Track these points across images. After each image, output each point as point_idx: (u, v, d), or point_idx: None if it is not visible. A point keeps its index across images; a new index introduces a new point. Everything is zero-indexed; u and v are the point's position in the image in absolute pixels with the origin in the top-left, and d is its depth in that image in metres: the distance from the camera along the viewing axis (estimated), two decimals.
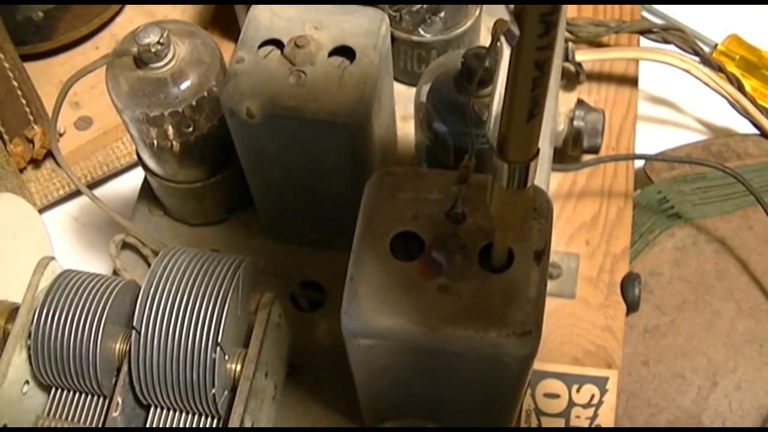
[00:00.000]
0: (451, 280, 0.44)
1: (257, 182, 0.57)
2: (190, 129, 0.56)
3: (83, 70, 0.54)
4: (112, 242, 0.60)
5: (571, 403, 0.63)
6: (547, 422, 0.63)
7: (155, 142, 0.56)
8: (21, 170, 0.73)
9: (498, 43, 0.46)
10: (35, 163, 0.74)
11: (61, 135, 0.74)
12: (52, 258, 0.55)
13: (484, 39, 0.65)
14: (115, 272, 0.61)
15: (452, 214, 0.45)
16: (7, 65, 0.70)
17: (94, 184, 0.74)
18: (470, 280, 0.44)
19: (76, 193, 0.75)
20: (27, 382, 0.54)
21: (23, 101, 0.72)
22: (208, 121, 0.56)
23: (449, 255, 0.44)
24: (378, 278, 0.44)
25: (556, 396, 0.63)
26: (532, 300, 0.43)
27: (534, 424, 0.63)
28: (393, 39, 0.58)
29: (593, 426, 0.63)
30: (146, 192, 0.64)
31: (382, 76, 0.53)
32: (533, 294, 0.44)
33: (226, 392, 0.52)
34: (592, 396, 0.63)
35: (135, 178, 0.74)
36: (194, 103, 0.54)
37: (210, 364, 0.50)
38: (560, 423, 0.63)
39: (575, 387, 0.63)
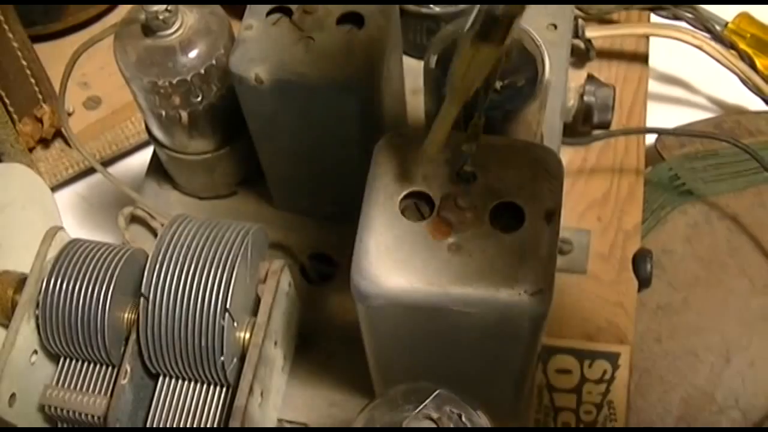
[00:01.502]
0: (462, 240, 0.43)
1: (267, 152, 0.57)
2: (199, 98, 0.56)
3: (91, 40, 0.54)
4: (121, 214, 0.60)
5: (583, 379, 0.63)
6: (559, 398, 0.63)
7: (164, 112, 0.56)
8: (30, 150, 0.73)
9: None
10: (44, 142, 0.74)
11: (70, 114, 0.74)
12: (61, 228, 0.55)
13: None
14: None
15: (462, 174, 0.44)
16: (16, 45, 0.70)
17: (103, 164, 0.74)
18: (481, 240, 0.43)
19: (85, 173, 0.75)
20: (35, 351, 0.54)
21: (32, 81, 0.72)
22: (217, 90, 0.56)
23: (460, 214, 0.44)
24: (388, 239, 0.44)
25: (568, 372, 0.63)
26: (544, 259, 0.43)
27: (546, 400, 0.63)
28: (402, 12, 0.58)
29: (606, 401, 0.62)
30: (155, 166, 0.64)
31: (390, 41, 0.53)
32: (544, 253, 0.43)
33: (234, 360, 0.52)
34: (604, 372, 0.63)
35: (144, 158, 0.74)
36: (203, 71, 0.54)
37: (219, 330, 0.50)
38: (572, 399, 0.63)
39: (587, 363, 0.63)
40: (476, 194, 0.44)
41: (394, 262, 0.43)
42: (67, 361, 0.55)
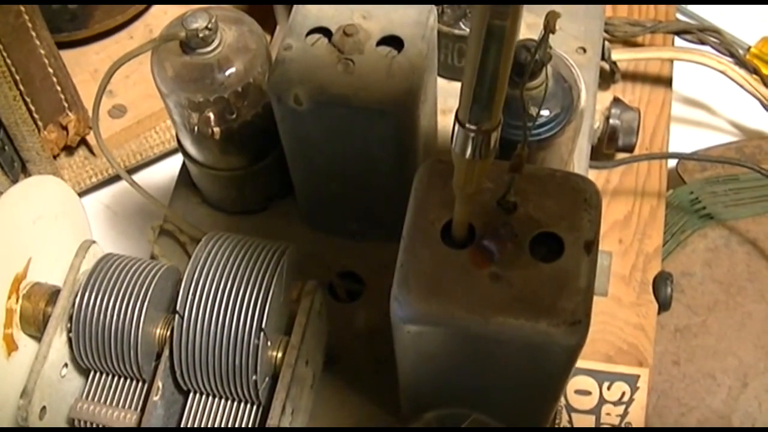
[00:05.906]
0: (502, 269, 0.44)
1: (300, 170, 0.57)
2: (234, 116, 0.56)
3: (130, 53, 0.54)
4: (151, 228, 0.61)
5: (602, 401, 0.63)
6: (577, 419, 0.63)
7: (197, 128, 0.56)
8: (54, 157, 0.73)
9: (549, 35, 0.47)
10: (69, 150, 0.74)
11: None
12: (94, 241, 0.55)
13: (523, 35, 0.65)
14: (152, 258, 0.61)
15: (504, 203, 0.45)
16: (42, 52, 0.70)
17: (126, 173, 0.74)
18: (521, 269, 0.44)
19: (109, 182, 0.75)
20: (66, 365, 0.54)
21: (58, 88, 0.72)
22: (252, 109, 0.56)
23: (501, 243, 0.44)
24: (429, 265, 0.44)
25: (587, 393, 0.63)
26: (582, 290, 0.43)
27: (565, 420, 0.63)
28: None
29: (624, 423, 0.63)
30: (184, 179, 0.64)
31: (429, 66, 0.53)
32: (583, 284, 0.44)
33: (267, 379, 0.52)
34: (623, 393, 0.63)
35: (168, 167, 0.74)
36: (239, 89, 0.54)
37: (253, 350, 0.50)
38: (591, 420, 0.63)
39: (606, 384, 0.63)
40: (517, 224, 0.44)
41: (434, 288, 0.44)
42: (97, 374, 0.55)
